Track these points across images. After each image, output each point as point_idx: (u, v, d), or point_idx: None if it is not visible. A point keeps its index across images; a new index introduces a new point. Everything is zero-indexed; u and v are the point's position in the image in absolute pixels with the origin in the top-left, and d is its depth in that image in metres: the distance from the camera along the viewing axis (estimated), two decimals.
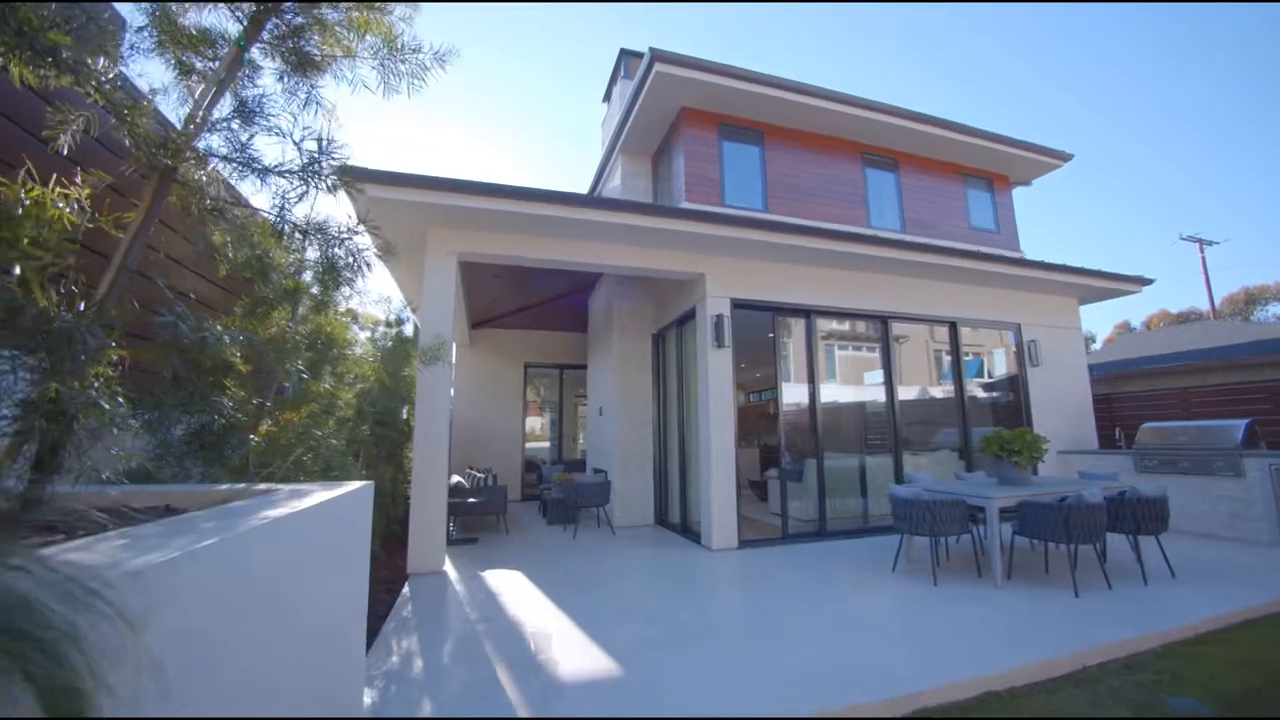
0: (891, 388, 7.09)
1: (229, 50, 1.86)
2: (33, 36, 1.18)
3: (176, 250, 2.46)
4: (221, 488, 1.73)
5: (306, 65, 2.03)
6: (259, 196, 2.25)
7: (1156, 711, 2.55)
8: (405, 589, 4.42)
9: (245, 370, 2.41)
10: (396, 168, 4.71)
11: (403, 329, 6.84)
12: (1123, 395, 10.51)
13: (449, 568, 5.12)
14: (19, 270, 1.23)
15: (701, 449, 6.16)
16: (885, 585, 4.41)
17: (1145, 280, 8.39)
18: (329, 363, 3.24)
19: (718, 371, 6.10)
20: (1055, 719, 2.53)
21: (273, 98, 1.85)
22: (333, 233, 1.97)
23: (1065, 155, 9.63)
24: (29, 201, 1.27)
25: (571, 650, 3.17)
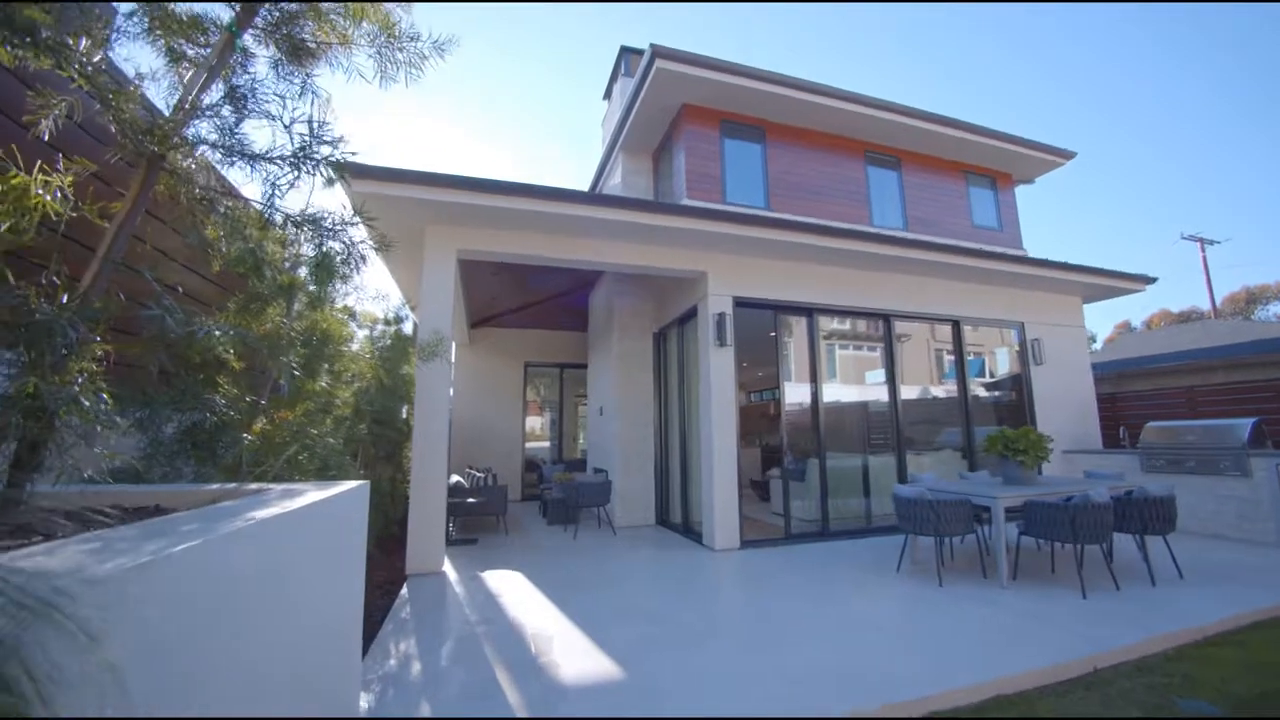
0: (894, 387, 7.03)
1: (220, 36, 1.81)
2: (10, 12, 1.12)
3: (165, 242, 2.41)
4: (211, 487, 1.68)
5: (301, 53, 1.98)
6: (250, 186, 2.20)
7: (1168, 713, 2.50)
8: (404, 590, 4.37)
9: (239, 367, 2.35)
10: (394, 164, 4.67)
11: (401, 327, 6.78)
12: (1127, 394, 10.45)
13: (448, 568, 5.06)
14: None
15: (703, 448, 6.11)
16: (889, 586, 4.36)
17: (1149, 279, 8.33)
18: (325, 360, 3.18)
19: (720, 370, 6.05)
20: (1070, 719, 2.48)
21: (265, 83, 1.79)
22: (327, 225, 1.92)
23: (1068, 153, 9.57)
24: (3, 188, 1.21)
25: (573, 652, 3.13)
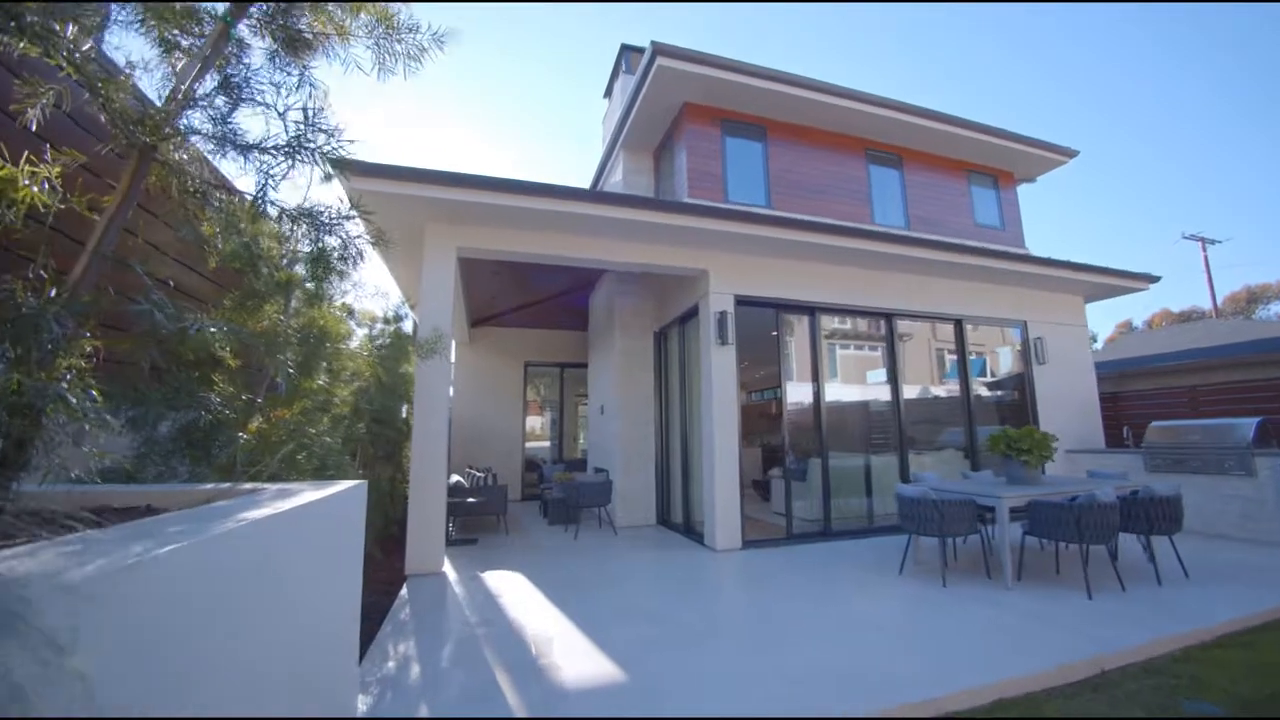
0: (896, 386, 6.99)
1: (215, 26, 1.77)
2: None
3: (157, 237, 2.37)
4: (205, 487, 1.64)
5: (297, 44, 1.94)
6: (244, 179, 2.16)
7: (1174, 714, 2.47)
8: (403, 591, 4.33)
9: (234, 365, 2.32)
10: (394, 162, 4.63)
11: (401, 325, 6.74)
12: (1129, 394, 10.41)
13: (448, 569, 5.03)
14: None
15: (704, 448, 6.07)
16: (892, 586, 4.33)
17: (1152, 278, 8.29)
18: (323, 358, 3.15)
19: (721, 369, 6.01)
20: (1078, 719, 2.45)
21: (260, 72, 1.75)
22: (324, 220, 1.88)
23: (1071, 151, 9.53)
24: None
25: (573, 653, 3.10)
